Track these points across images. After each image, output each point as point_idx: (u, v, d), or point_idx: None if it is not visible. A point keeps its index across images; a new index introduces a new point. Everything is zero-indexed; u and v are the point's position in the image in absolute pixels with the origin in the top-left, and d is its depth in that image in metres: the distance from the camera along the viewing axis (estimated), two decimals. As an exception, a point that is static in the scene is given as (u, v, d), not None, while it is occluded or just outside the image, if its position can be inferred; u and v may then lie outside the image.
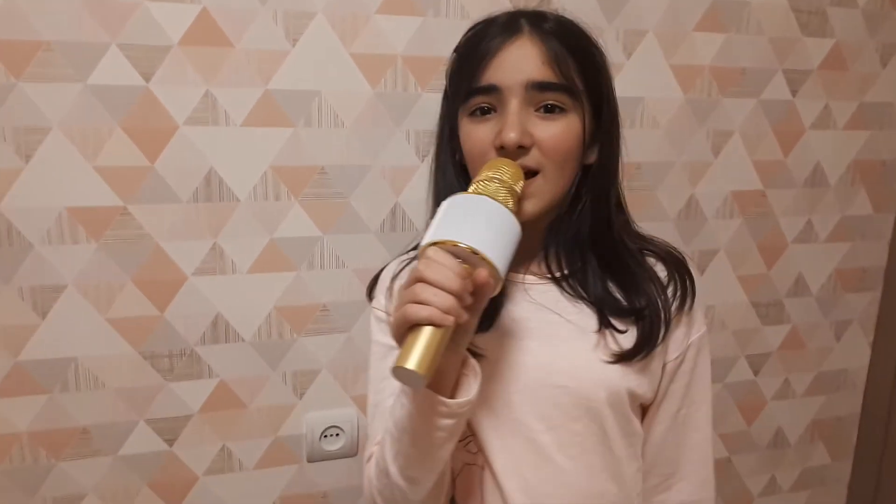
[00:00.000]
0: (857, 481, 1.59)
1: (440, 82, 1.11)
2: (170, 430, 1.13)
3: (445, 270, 0.63)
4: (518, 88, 0.74)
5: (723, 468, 1.47)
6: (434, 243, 0.65)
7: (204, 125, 1.05)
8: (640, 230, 0.86)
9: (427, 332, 0.61)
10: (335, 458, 1.21)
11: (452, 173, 0.84)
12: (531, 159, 0.74)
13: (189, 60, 1.02)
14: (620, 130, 0.81)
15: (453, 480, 0.84)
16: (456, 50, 0.84)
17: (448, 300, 0.62)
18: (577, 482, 0.80)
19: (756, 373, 1.45)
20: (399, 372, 0.61)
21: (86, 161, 1.01)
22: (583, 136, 0.77)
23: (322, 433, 1.19)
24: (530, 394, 0.78)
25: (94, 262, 1.04)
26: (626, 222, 0.84)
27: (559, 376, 0.79)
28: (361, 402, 1.21)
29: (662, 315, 0.79)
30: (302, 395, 1.18)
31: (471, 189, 0.71)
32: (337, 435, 1.20)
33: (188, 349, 1.11)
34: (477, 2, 1.12)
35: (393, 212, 1.16)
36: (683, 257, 0.85)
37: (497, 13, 0.81)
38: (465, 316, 0.64)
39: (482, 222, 0.66)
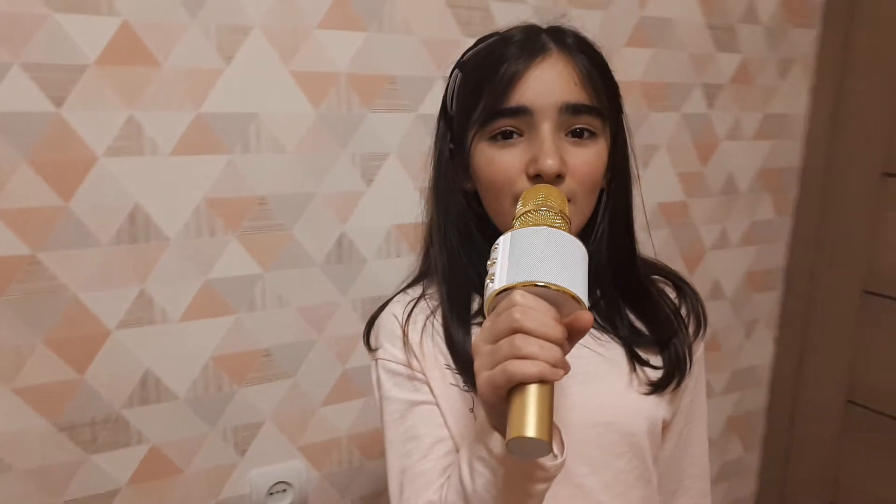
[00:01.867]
0: (765, 470, 1.69)
1: (386, 101, 1.05)
2: (94, 509, 0.97)
3: (545, 318, 0.55)
4: (551, 111, 0.69)
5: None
6: (513, 286, 0.57)
7: (127, 155, 0.90)
8: (644, 255, 0.84)
9: (537, 390, 0.54)
10: (284, 516, 1.11)
11: (461, 204, 0.77)
12: (565, 188, 0.69)
13: (108, 82, 0.88)
14: (632, 154, 0.78)
15: None
16: (461, 67, 0.77)
17: (555, 352, 0.55)
18: None
19: (681, 377, 1.49)
20: (518, 443, 0.52)
21: (-18, 203, 0.84)
22: (607, 160, 0.73)
23: (269, 490, 1.07)
24: (572, 436, 0.71)
25: (-5, 323, 0.87)
26: (637, 249, 0.81)
27: (601, 414, 0.74)
28: (310, 453, 1.11)
29: (686, 343, 0.78)
30: (244, 451, 1.06)
31: (519, 221, 0.63)
32: (284, 490, 1.09)
33: (113, 414, 0.96)
34: (420, 17, 1.05)
35: (339, 242, 1.06)
36: (690, 282, 0.83)
37: (508, 28, 0.74)
38: (568, 367, 0.57)
39: (558, 256, 0.59)
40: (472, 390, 0.74)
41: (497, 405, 0.56)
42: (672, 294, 0.82)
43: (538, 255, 0.58)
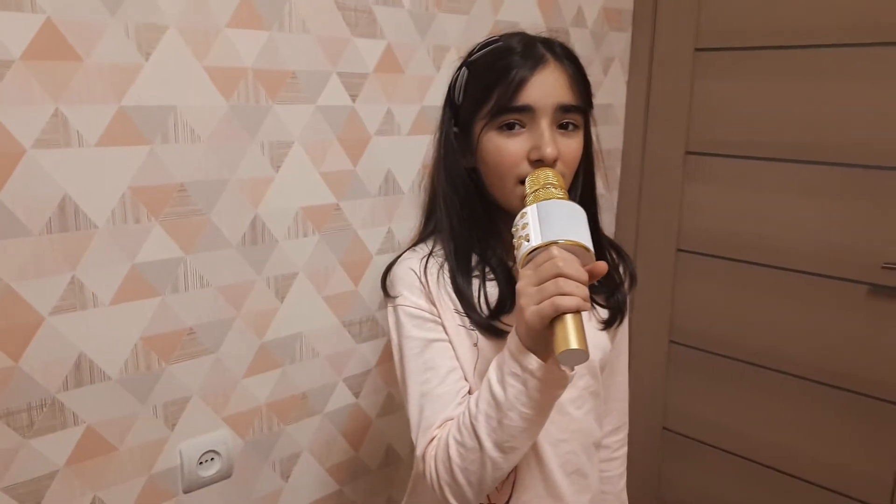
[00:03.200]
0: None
1: (289, 94, 1.16)
2: (33, 493, 0.99)
3: (577, 265, 0.75)
4: (549, 109, 0.88)
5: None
6: (549, 244, 0.76)
7: (55, 147, 0.94)
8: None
9: (574, 317, 0.73)
10: (213, 483, 1.17)
11: (465, 177, 0.94)
12: (557, 170, 0.88)
13: (34, 76, 0.91)
14: (596, 139, 0.99)
15: None
16: (468, 66, 0.95)
17: (585, 290, 0.75)
18: (581, 427, 0.99)
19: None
20: (568, 354, 0.71)
21: (-87, 197, 0.85)
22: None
23: (198, 460, 1.14)
24: None
25: (-72, 316, 0.88)
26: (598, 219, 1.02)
27: None
28: (234, 423, 1.19)
29: (624, 293, 1.01)
30: (174, 425, 1.12)
31: (531, 196, 0.83)
32: (212, 459, 1.16)
33: (49, 398, 0.99)
34: (317, 19, 1.17)
35: (253, 225, 1.15)
36: (626, 252, 1.06)
37: (507, 37, 0.93)
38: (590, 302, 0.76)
39: (577, 222, 0.79)
40: (473, 328, 0.92)
41: (540, 331, 0.75)
42: (616, 258, 1.03)
43: (561, 220, 0.79)
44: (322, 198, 1.23)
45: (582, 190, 0.97)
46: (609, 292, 1.00)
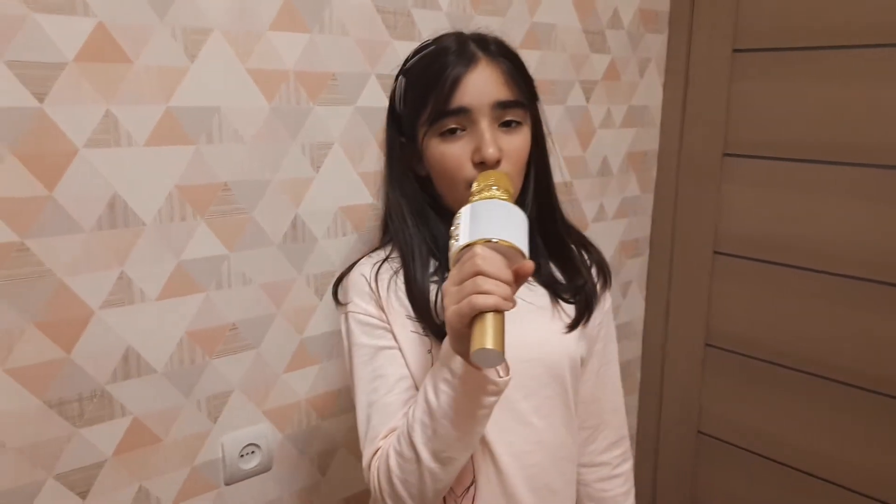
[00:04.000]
0: (642, 408, 1.97)
1: (329, 95, 1.18)
2: (83, 481, 1.03)
3: (499, 263, 0.73)
4: (486, 109, 0.87)
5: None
6: (474, 243, 0.74)
7: (105, 147, 0.98)
8: (569, 221, 1.02)
9: (493, 317, 0.70)
10: (253, 476, 1.20)
11: (414, 186, 0.94)
12: (502, 169, 0.87)
13: (86, 78, 0.95)
14: (546, 129, 0.97)
15: None
16: (405, 74, 0.94)
17: (507, 289, 0.72)
18: (547, 438, 0.95)
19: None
20: (481, 354, 0.69)
21: (-26, 194, 0.89)
22: (530, 141, 0.92)
23: (240, 453, 1.17)
24: (511, 368, 0.85)
25: (-14, 308, 0.91)
26: (563, 214, 1.00)
27: (531, 350, 0.92)
28: (274, 416, 1.21)
29: (595, 291, 0.98)
30: (216, 418, 1.15)
31: (474, 198, 0.81)
32: (253, 452, 1.19)
33: (98, 389, 1.02)
34: (356, 21, 1.19)
35: (293, 223, 1.18)
36: (596, 246, 1.04)
37: (440, 39, 0.92)
38: (515, 302, 0.74)
39: (509, 222, 0.77)
40: (428, 335, 0.89)
41: (461, 331, 0.72)
42: (586, 256, 1.01)
43: (491, 220, 0.77)
44: (360, 197, 1.25)
45: (536, 185, 0.95)
46: (575, 290, 0.97)
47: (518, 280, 0.75)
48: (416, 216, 0.94)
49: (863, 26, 1.50)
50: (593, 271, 1.01)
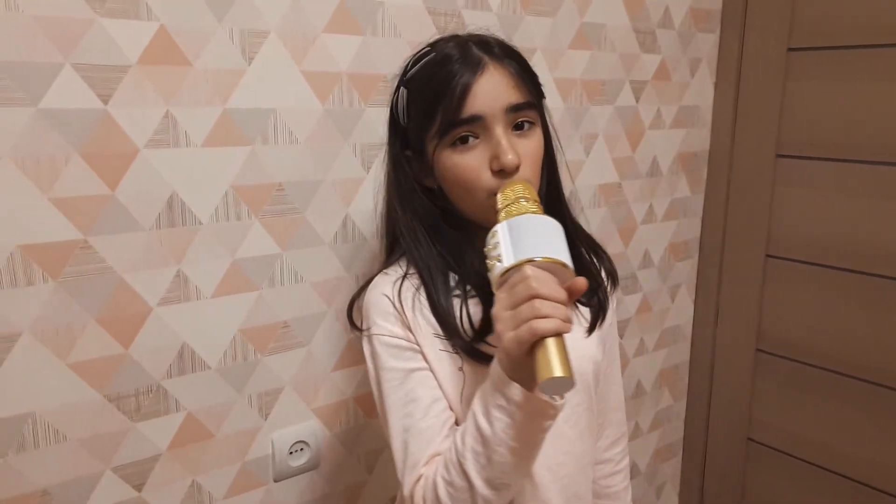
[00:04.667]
0: (691, 415, 1.94)
1: (380, 97, 1.18)
2: (138, 474, 1.05)
3: (554, 285, 0.70)
4: (499, 114, 0.84)
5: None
6: (520, 263, 0.72)
7: (165, 147, 1.00)
8: (577, 222, 1.00)
9: (556, 341, 0.68)
10: (301, 473, 1.21)
11: (424, 201, 0.91)
12: (521, 174, 0.84)
13: (149, 80, 0.97)
14: (551, 126, 0.94)
15: None
16: (406, 84, 0.91)
17: (565, 310, 0.70)
18: (577, 447, 0.94)
19: (621, 336, 1.71)
20: (550, 383, 0.66)
21: (41, 193, 0.91)
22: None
23: (289, 450, 1.18)
24: None
25: (51, 304, 0.94)
26: (572, 215, 0.97)
27: None
28: (323, 414, 1.23)
29: (606, 293, 0.96)
30: (267, 415, 1.16)
31: (503, 213, 0.79)
32: (302, 450, 1.20)
33: (154, 385, 1.04)
34: (408, 23, 1.20)
35: (344, 223, 1.19)
36: (604, 248, 1.02)
37: (439, 42, 0.90)
38: (573, 322, 0.72)
39: (548, 237, 0.75)
40: (458, 352, 0.87)
41: (520, 358, 0.70)
42: (596, 258, 0.99)
43: (532, 237, 0.74)
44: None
45: (547, 186, 0.92)
46: (589, 293, 0.94)
47: (571, 298, 0.73)
48: (429, 232, 0.91)
49: (926, 25, 1.46)
50: (602, 272, 1.00)
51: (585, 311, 0.95)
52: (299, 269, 1.15)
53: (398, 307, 0.89)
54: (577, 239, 0.95)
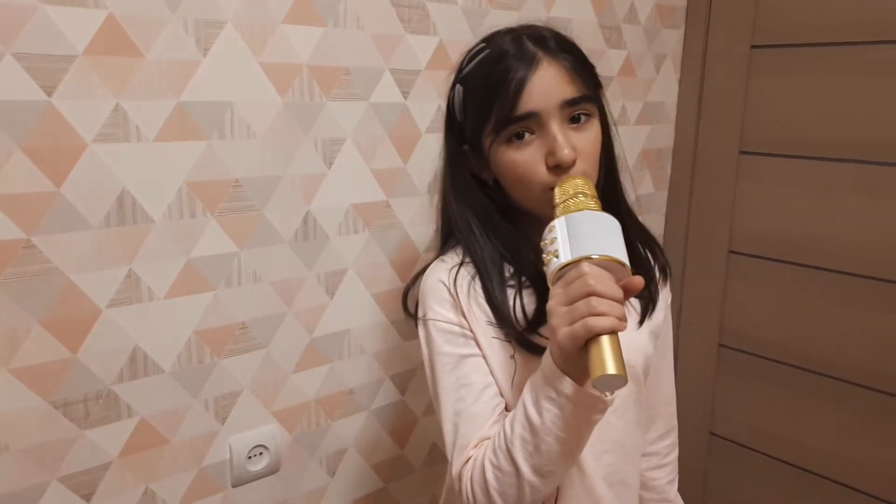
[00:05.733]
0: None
1: (342, 91, 1.15)
2: (87, 483, 1.00)
3: (610, 282, 0.71)
4: (555, 110, 0.84)
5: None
6: (577, 260, 0.72)
7: (115, 142, 0.95)
8: (635, 216, 1.01)
9: (610, 339, 0.69)
10: (261, 478, 1.18)
11: (479, 195, 0.93)
12: (578, 168, 0.84)
13: (96, 71, 0.92)
14: (610, 118, 0.94)
15: None
16: (462, 82, 0.92)
17: (621, 309, 0.70)
18: (624, 437, 0.95)
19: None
20: (603, 380, 0.67)
21: (-20, 190, 0.86)
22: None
23: (247, 454, 1.15)
24: None
25: (-8, 307, 0.89)
26: (629, 207, 0.98)
27: None
28: (283, 417, 1.19)
29: (657, 287, 0.97)
30: (224, 419, 1.12)
31: (561, 208, 0.79)
32: (261, 454, 1.17)
33: (105, 390, 1.00)
34: (371, 15, 1.16)
35: (305, 220, 1.15)
36: (659, 242, 1.02)
37: (496, 41, 0.89)
38: (627, 320, 0.72)
39: (608, 234, 0.75)
40: (510, 340, 0.88)
41: (574, 353, 0.71)
42: (647, 248, 0.99)
43: (589, 234, 0.74)
44: (372, 195, 1.23)
45: (605, 179, 0.93)
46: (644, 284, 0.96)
47: (627, 296, 0.73)
48: (483, 226, 0.93)
49: (883, 22, 1.47)
50: (654, 264, 1.00)
51: (636, 303, 0.96)
52: (257, 269, 1.12)
53: (453, 293, 0.91)
54: (634, 234, 0.96)
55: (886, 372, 1.54)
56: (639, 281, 0.74)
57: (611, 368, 0.67)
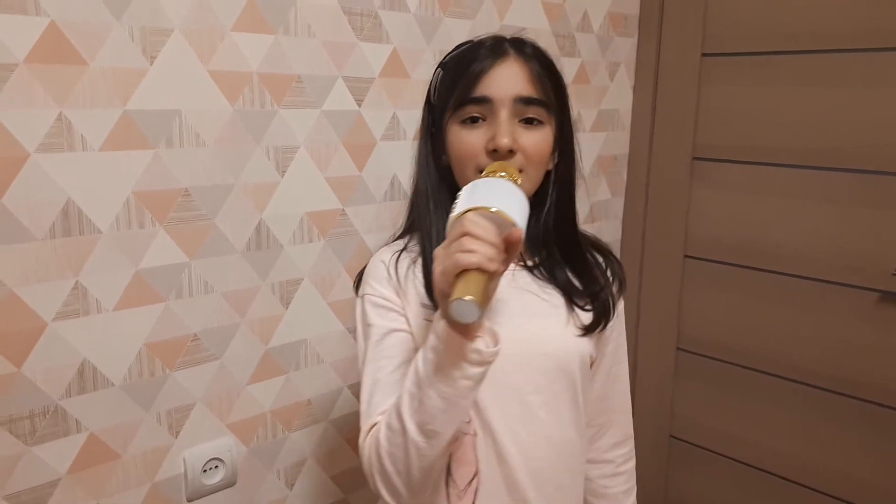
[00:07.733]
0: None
1: (294, 98, 1.15)
2: (35, 501, 0.98)
3: (489, 228, 0.72)
4: (508, 101, 0.88)
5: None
6: (468, 210, 0.74)
7: (59, 152, 0.93)
8: (584, 229, 1.02)
9: (476, 274, 0.70)
10: (217, 491, 1.16)
11: (436, 175, 0.96)
12: (516, 162, 0.88)
13: (38, 80, 0.91)
14: (576, 142, 0.97)
15: None
16: (442, 66, 0.96)
17: (491, 250, 0.71)
18: (554, 433, 0.94)
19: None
20: (456, 306, 0.68)
21: (-84, 201, 0.84)
22: (552, 144, 0.92)
23: (202, 468, 1.13)
24: (522, 362, 0.90)
25: (-70, 322, 0.87)
26: (577, 220, 1.00)
27: (544, 346, 0.93)
28: (239, 430, 1.18)
29: (612, 296, 0.98)
30: (178, 432, 1.11)
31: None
32: (216, 467, 1.15)
33: (52, 405, 0.98)
34: (322, 23, 1.16)
35: (258, 230, 1.14)
36: (614, 252, 1.04)
37: (481, 37, 0.93)
38: (502, 267, 0.73)
39: (505, 195, 0.77)
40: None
41: (447, 292, 0.71)
42: (601, 260, 1.01)
43: (487, 192, 0.77)
44: (327, 203, 1.22)
45: (557, 192, 0.96)
46: (592, 295, 0.96)
47: (509, 249, 0.74)
48: (436, 203, 0.95)
49: (831, 31, 1.51)
50: (608, 274, 1.01)
51: (585, 315, 0.95)
52: (209, 279, 1.10)
53: (391, 273, 0.94)
54: (581, 241, 0.99)
55: (841, 374, 1.57)
56: (518, 232, 0.74)
57: (464, 294, 0.67)
